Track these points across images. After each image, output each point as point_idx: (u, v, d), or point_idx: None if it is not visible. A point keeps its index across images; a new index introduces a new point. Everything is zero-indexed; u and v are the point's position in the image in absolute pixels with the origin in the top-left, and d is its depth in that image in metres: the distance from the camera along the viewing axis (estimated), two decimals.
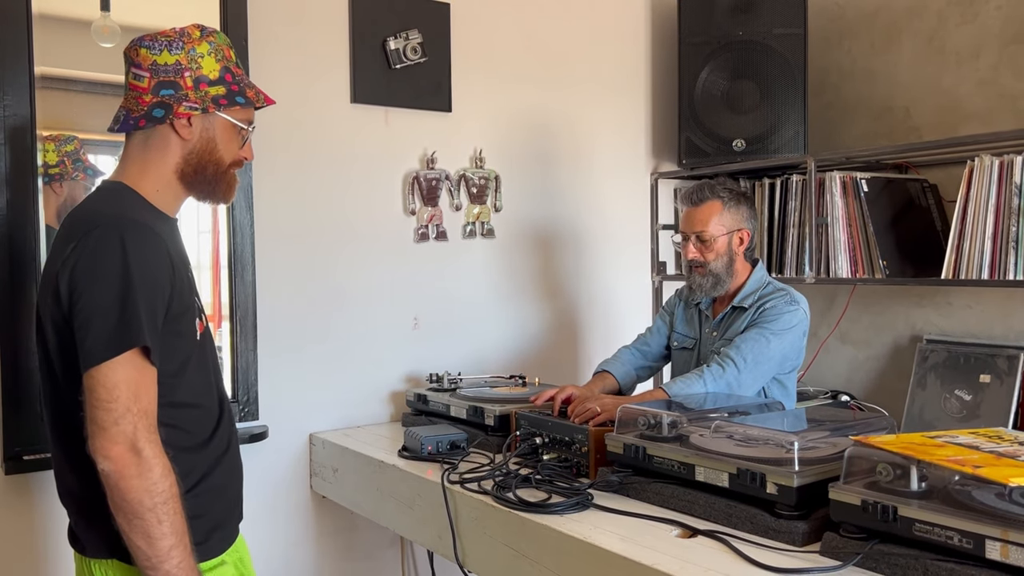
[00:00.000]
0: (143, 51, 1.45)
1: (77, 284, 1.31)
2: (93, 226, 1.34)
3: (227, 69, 1.49)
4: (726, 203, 2.21)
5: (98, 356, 1.28)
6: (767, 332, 2.10)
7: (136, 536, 1.29)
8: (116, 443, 1.28)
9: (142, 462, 1.28)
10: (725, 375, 2.04)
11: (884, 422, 1.79)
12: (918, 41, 2.84)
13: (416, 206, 2.67)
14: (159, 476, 1.29)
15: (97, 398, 1.28)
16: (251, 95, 1.51)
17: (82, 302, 1.30)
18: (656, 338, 2.45)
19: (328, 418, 2.52)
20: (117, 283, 1.30)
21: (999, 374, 2.52)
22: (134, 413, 1.29)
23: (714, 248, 2.20)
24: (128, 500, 1.28)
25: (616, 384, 2.33)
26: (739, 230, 2.22)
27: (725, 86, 2.91)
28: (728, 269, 2.22)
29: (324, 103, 2.50)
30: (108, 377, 1.28)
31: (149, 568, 1.30)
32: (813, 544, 1.40)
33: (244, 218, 2.34)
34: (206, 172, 1.49)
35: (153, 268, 1.35)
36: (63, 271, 1.33)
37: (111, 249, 1.32)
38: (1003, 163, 2.31)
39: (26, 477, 2.05)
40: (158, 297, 1.35)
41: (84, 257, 1.32)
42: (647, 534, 1.52)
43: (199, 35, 1.47)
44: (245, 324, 2.35)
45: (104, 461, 1.28)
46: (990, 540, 1.16)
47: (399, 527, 2.14)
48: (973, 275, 2.34)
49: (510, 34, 2.85)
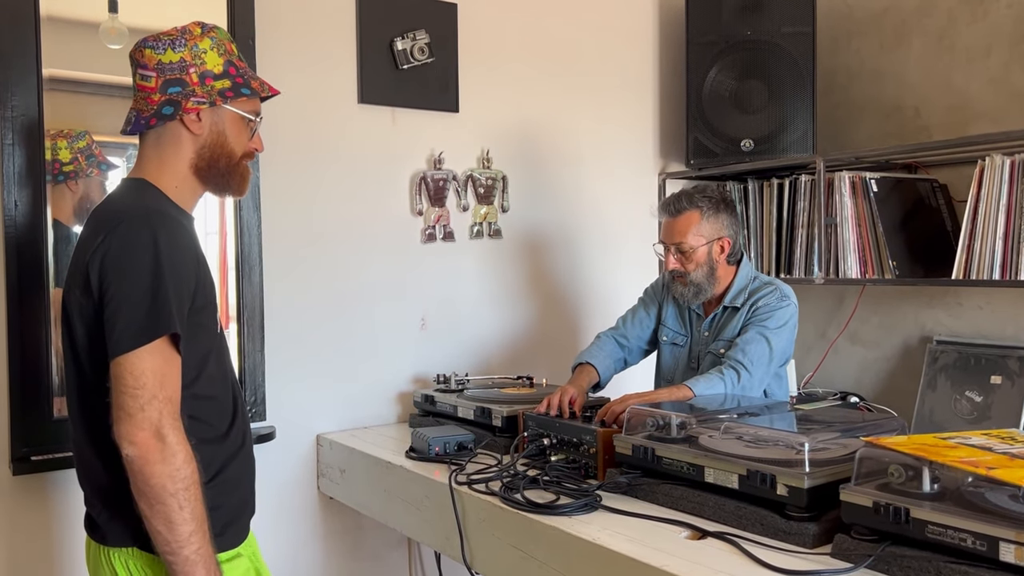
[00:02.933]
0: (148, 52, 1.47)
1: (108, 274, 1.34)
2: (122, 218, 1.37)
3: (230, 63, 1.52)
4: (704, 213, 2.19)
5: (127, 344, 1.31)
6: (766, 331, 2.10)
7: (157, 521, 1.31)
8: (141, 429, 1.30)
9: (166, 448, 1.31)
10: (740, 381, 2.04)
11: (895, 423, 1.78)
12: (927, 40, 2.82)
13: (423, 206, 2.66)
14: (182, 462, 1.32)
15: (124, 385, 1.31)
16: (256, 86, 1.54)
17: (112, 290, 1.33)
18: (637, 330, 2.40)
19: (335, 419, 2.51)
20: (148, 273, 1.33)
21: (1010, 375, 2.50)
22: (160, 400, 1.31)
23: (694, 259, 2.19)
24: (151, 485, 1.30)
25: (597, 378, 2.30)
26: (719, 239, 2.20)
27: (733, 86, 2.90)
28: (709, 278, 2.20)
29: (331, 103, 2.50)
30: (136, 365, 1.31)
31: (169, 553, 1.32)
32: (824, 546, 1.39)
33: (251, 218, 2.34)
34: (219, 165, 1.52)
35: (182, 260, 1.38)
36: (93, 262, 1.36)
37: (142, 240, 1.35)
38: (1014, 162, 2.29)
39: (34, 478, 2.06)
40: (185, 288, 1.38)
41: (114, 248, 1.35)
42: (656, 536, 1.51)
43: (200, 32, 1.50)
44: (252, 325, 2.35)
45: (129, 446, 1.30)
46: (1004, 542, 1.15)
47: (406, 528, 2.13)
48: (984, 275, 2.32)
49: (517, 34, 2.84)
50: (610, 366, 2.35)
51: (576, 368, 2.33)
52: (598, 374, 2.30)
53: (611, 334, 2.42)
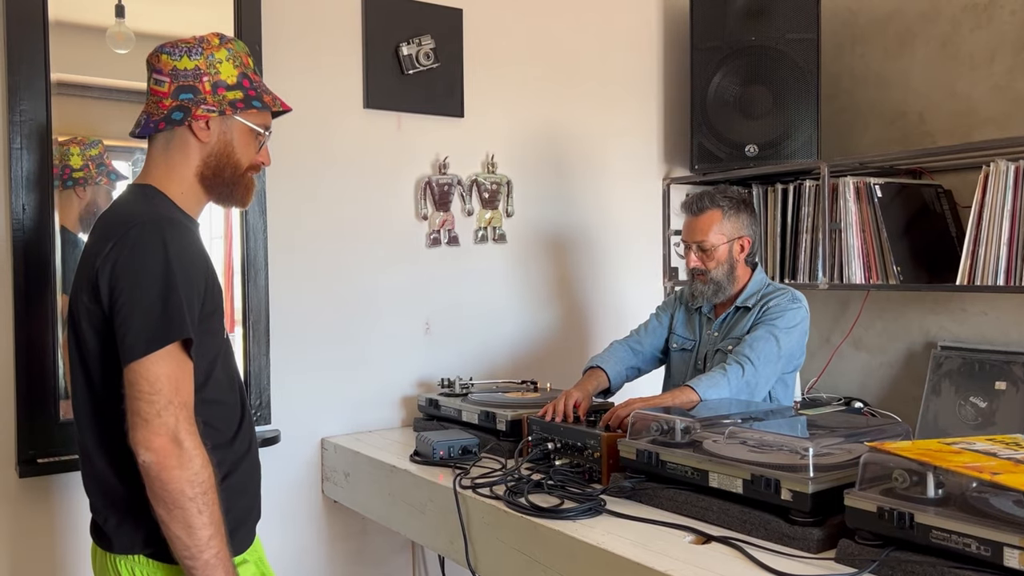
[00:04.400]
0: (164, 57, 1.48)
1: (119, 280, 1.34)
2: (132, 224, 1.37)
3: (245, 75, 1.52)
4: (726, 212, 2.22)
5: (141, 350, 1.31)
6: (775, 330, 2.11)
7: (176, 526, 1.31)
8: (159, 435, 1.30)
9: (183, 453, 1.30)
10: (744, 375, 2.04)
11: (899, 428, 1.77)
12: (932, 46, 2.82)
13: (428, 211, 2.67)
14: (200, 467, 1.32)
15: (139, 391, 1.31)
16: (268, 100, 1.54)
17: (124, 297, 1.33)
18: (650, 339, 2.41)
19: (340, 423, 2.52)
20: (159, 279, 1.33)
21: (1015, 381, 2.50)
22: (176, 405, 1.32)
23: (715, 257, 2.21)
24: (170, 491, 1.30)
25: (608, 383, 2.29)
26: (740, 238, 2.23)
27: (738, 91, 2.91)
28: (729, 276, 2.23)
29: (337, 108, 2.51)
30: (150, 370, 1.31)
31: (188, 558, 1.32)
32: (828, 551, 1.39)
33: (257, 223, 2.35)
34: (224, 175, 1.52)
35: (192, 265, 1.38)
36: (103, 268, 1.35)
37: (152, 246, 1.35)
38: (1019, 168, 2.29)
39: (41, 480, 2.06)
40: (195, 293, 1.38)
41: (125, 254, 1.35)
42: (660, 540, 1.51)
43: (218, 42, 1.50)
44: (258, 329, 2.35)
45: (146, 453, 1.30)
46: (1008, 548, 1.15)
47: (410, 532, 2.13)
48: (988, 281, 2.32)
49: (522, 39, 2.85)
50: (621, 372, 2.33)
51: (586, 372, 2.32)
52: (608, 379, 2.28)
53: (625, 341, 2.43)
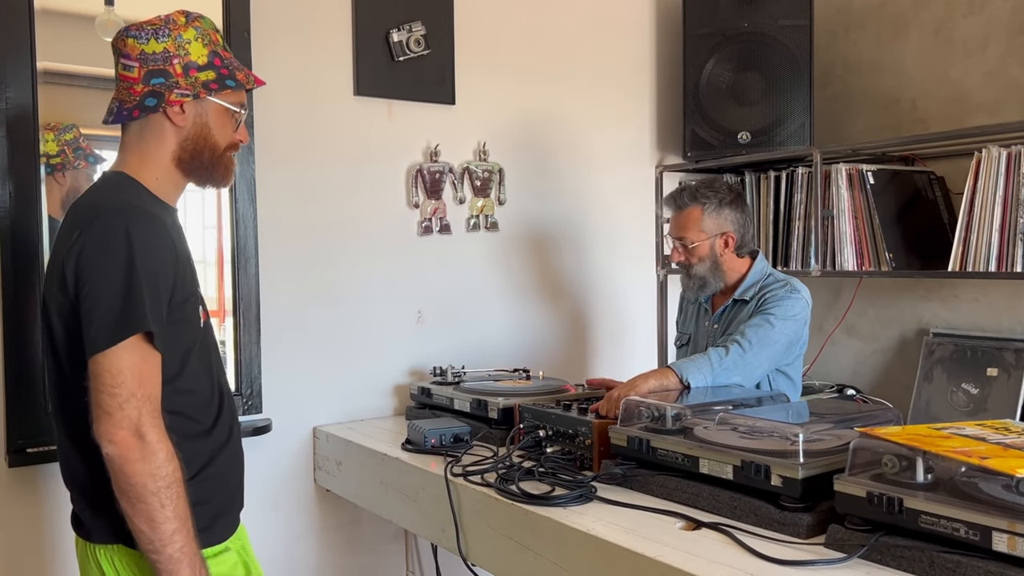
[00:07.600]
0: (131, 41, 1.45)
1: (83, 271, 1.33)
2: (97, 214, 1.36)
3: (215, 53, 1.49)
4: (706, 208, 2.19)
5: (103, 342, 1.30)
6: (771, 317, 2.09)
7: (139, 520, 1.30)
8: (120, 428, 1.29)
9: (146, 446, 1.30)
10: (730, 354, 2.02)
11: (890, 414, 1.78)
12: (925, 32, 2.82)
13: (419, 199, 2.66)
14: (163, 460, 1.31)
15: (102, 383, 1.30)
16: (241, 77, 1.52)
17: (87, 288, 1.32)
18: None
19: (332, 411, 2.51)
20: (122, 270, 1.32)
21: (1006, 367, 2.51)
22: (138, 398, 1.30)
23: (696, 253, 2.20)
24: (132, 484, 1.29)
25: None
26: (722, 234, 2.21)
27: (730, 78, 2.89)
28: (713, 272, 2.21)
29: (327, 96, 2.49)
30: (113, 363, 1.30)
31: (152, 552, 1.31)
32: (818, 536, 1.39)
33: (247, 211, 2.34)
34: (202, 157, 1.50)
35: (157, 255, 1.36)
36: (69, 258, 1.34)
37: (116, 236, 1.33)
38: (1011, 154, 2.29)
39: (30, 470, 2.06)
40: (162, 284, 1.36)
41: (89, 244, 1.33)
42: (651, 527, 1.51)
43: (184, 21, 1.47)
44: (248, 317, 2.35)
45: (108, 445, 1.29)
46: (997, 532, 1.15)
47: (403, 520, 2.13)
48: (980, 267, 2.32)
49: (514, 26, 2.84)
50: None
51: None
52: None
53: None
